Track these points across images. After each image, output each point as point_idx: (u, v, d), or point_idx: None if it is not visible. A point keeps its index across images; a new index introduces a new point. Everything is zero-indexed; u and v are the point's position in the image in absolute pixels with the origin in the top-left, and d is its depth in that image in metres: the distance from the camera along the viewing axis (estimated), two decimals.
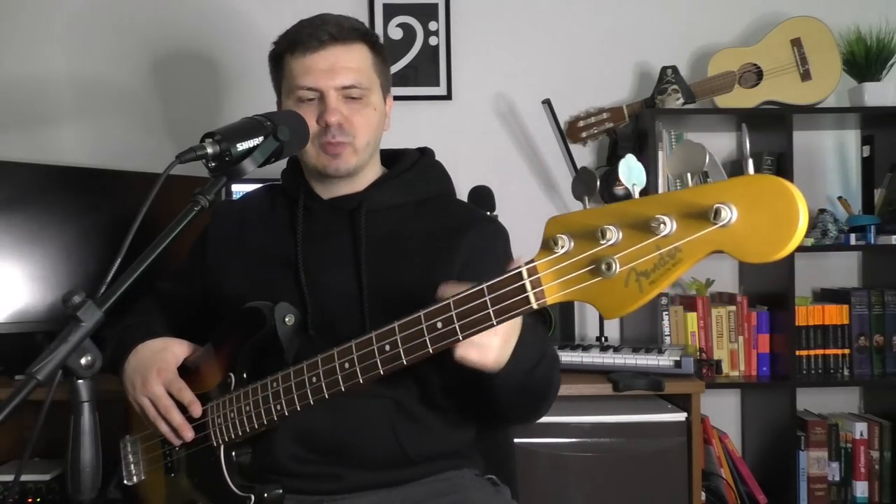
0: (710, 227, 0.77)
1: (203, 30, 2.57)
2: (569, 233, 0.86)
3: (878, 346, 2.43)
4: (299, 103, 1.33)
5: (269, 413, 1.18)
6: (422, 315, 1.02)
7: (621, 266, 0.82)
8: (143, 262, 0.98)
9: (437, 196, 1.44)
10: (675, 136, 2.41)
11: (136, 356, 1.32)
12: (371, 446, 1.29)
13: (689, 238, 0.78)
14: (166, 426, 1.27)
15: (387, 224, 1.37)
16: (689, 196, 0.79)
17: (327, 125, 1.31)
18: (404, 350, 1.04)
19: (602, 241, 0.82)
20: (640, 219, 0.81)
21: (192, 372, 1.30)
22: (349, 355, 1.09)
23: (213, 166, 1.08)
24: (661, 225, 0.79)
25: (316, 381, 1.12)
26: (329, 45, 1.32)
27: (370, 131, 1.36)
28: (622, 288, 0.82)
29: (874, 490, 2.42)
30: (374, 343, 1.06)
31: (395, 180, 1.42)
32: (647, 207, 0.81)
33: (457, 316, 0.98)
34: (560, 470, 1.94)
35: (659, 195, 0.81)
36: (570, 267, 0.86)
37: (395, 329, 1.04)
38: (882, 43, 2.46)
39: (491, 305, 0.94)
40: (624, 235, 0.82)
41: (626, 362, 2.07)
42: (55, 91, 2.54)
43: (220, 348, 1.28)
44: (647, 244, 0.80)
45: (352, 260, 1.34)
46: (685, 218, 0.79)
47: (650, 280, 0.81)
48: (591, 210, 0.86)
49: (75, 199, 2.17)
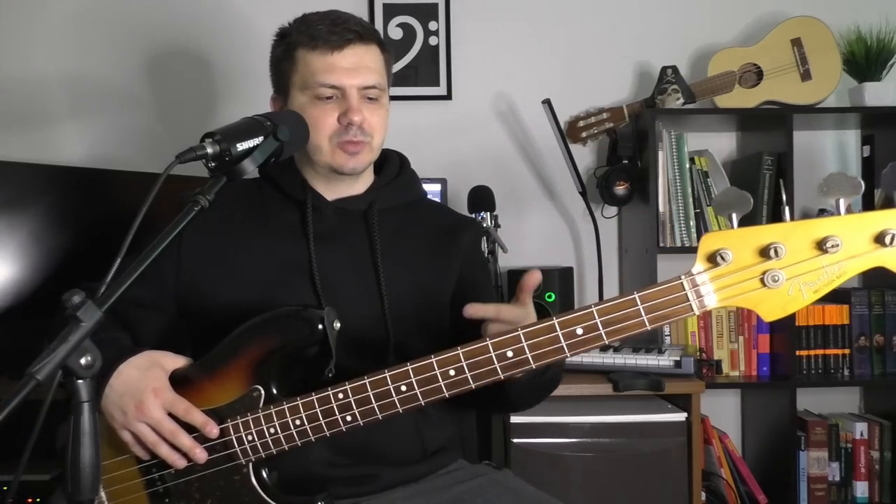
0: (882, 249, 0.96)
1: (203, 29, 2.57)
2: (729, 247, 0.99)
3: (878, 346, 2.43)
4: (315, 100, 1.31)
5: (333, 425, 1.12)
6: (556, 322, 1.05)
7: (787, 278, 0.98)
8: (143, 262, 0.98)
9: (420, 199, 1.48)
10: (674, 136, 2.40)
11: (120, 378, 1.17)
12: (398, 444, 1.30)
13: (860, 256, 0.96)
14: (169, 450, 1.16)
15: (391, 225, 1.38)
16: (858, 221, 0.96)
17: (349, 124, 1.30)
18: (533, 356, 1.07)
19: (774, 257, 0.97)
20: (808, 238, 0.97)
21: (186, 386, 1.19)
22: (457, 362, 1.09)
23: (212, 166, 1.08)
24: (835, 246, 0.96)
25: (407, 390, 1.10)
26: (353, 44, 1.31)
27: (384, 132, 1.38)
28: (785, 295, 0.99)
29: (874, 490, 2.42)
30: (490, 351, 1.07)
31: (394, 182, 1.43)
32: (817, 229, 0.97)
33: (602, 324, 1.04)
34: (560, 470, 1.94)
35: (826, 219, 0.97)
36: (735, 279, 1.00)
37: (520, 336, 1.07)
38: (882, 43, 2.46)
39: (645, 313, 1.03)
40: (789, 251, 0.97)
41: (626, 362, 2.07)
42: (55, 91, 2.53)
43: (234, 358, 1.18)
44: (815, 260, 0.97)
45: (368, 262, 1.34)
46: (853, 238, 0.96)
47: (814, 289, 0.99)
48: (754, 228, 0.99)
49: (75, 199, 2.17)
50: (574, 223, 2.61)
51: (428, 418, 1.35)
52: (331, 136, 1.31)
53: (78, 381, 0.89)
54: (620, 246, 2.62)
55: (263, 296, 1.27)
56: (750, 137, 2.61)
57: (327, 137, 1.31)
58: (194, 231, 1.26)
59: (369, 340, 1.28)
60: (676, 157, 2.40)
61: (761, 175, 2.38)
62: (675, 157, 2.40)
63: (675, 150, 2.40)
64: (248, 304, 1.23)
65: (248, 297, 1.27)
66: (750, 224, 1.01)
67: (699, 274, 1.01)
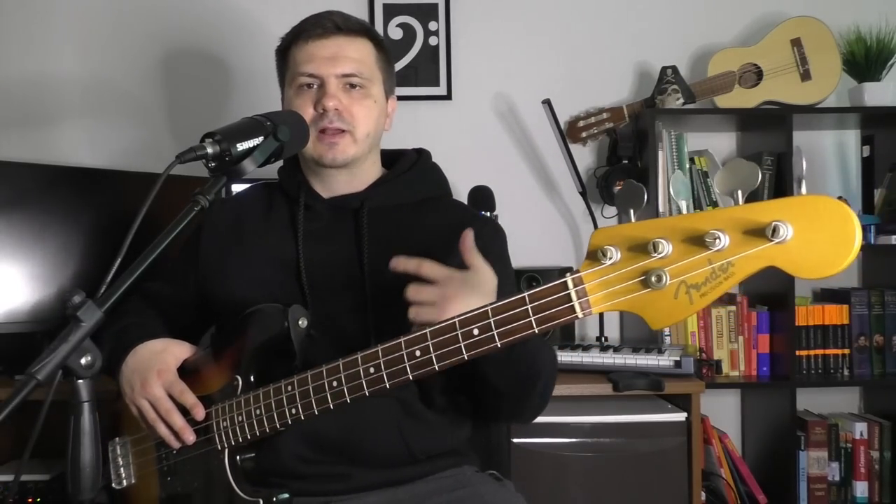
0: (767, 244, 0.81)
1: (206, 29, 2.57)
2: (616, 245, 0.89)
3: (878, 346, 2.43)
4: (299, 90, 1.34)
5: (282, 417, 1.16)
6: (457, 322, 1.03)
7: (671, 278, 0.85)
8: (143, 262, 0.98)
9: (435, 197, 1.46)
10: (674, 136, 2.40)
11: (135, 357, 1.29)
12: (378, 445, 1.29)
13: (744, 253, 0.82)
14: (166, 429, 1.25)
15: (388, 224, 1.38)
16: (744, 213, 0.82)
17: (325, 110, 1.31)
18: (436, 356, 1.04)
19: (654, 253, 0.85)
20: (692, 233, 0.84)
21: (193, 374, 1.28)
22: (375, 360, 1.09)
23: (213, 166, 1.08)
24: (716, 240, 0.82)
25: (337, 385, 1.12)
26: (333, 35, 1.34)
27: (370, 122, 1.36)
28: (671, 299, 0.86)
29: (874, 490, 2.42)
30: (403, 348, 1.07)
31: (395, 180, 1.42)
32: (701, 222, 0.84)
33: (495, 323, 0.99)
34: (560, 470, 1.94)
35: (713, 211, 0.86)
36: (618, 278, 0.89)
37: (426, 335, 1.05)
38: (882, 43, 2.46)
39: (533, 314, 0.96)
40: (674, 249, 0.85)
41: (626, 362, 2.07)
42: (56, 91, 2.53)
43: (224, 350, 1.26)
44: (700, 258, 0.84)
45: (355, 260, 1.34)
46: (739, 233, 0.82)
47: (701, 293, 0.85)
48: (640, 223, 0.88)
49: (75, 199, 2.17)
50: (574, 223, 2.61)
51: (417, 420, 1.32)
52: (310, 125, 1.32)
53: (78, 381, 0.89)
54: None
55: (257, 293, 1.30)
56: (750, 137, 2.61)
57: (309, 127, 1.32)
58: (213, 231, 1.41)
59: (351, 337, 1.28)
60: (676, 157, 2.40)
61: (761, 175, 2.38)
62: (675, 157, 2.40)
63: (675, 150, 2.40)
64: (246, 300, 1.27)
65: (245, 294, 1.31)
66: None
67: (584, 273, 0.91)
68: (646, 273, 0.86)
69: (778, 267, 0.82)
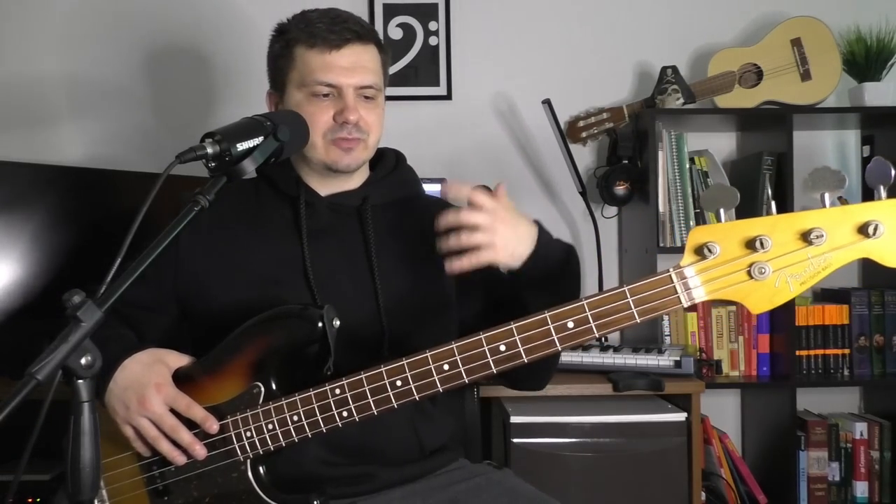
0: (866, 240, 0.96)
1: (203, 28, 2.57)
2: (717, 240, 1.00)
3: (878, 346, 2.43)
4: (312, 97, 1.32)
5: (330, 421, 1.13)
6: (548, 316, 1.06)
7: (773, 270, 0.98)
8: (143, 262, 0.98)
9: (416, 195, 1.48)
10: (674, 136, 2.40)
11: (124, 373, 1.19)
12: (395, 443, 1.30)
13: (845, 247, 0.97)
14: (169, 445, 1.18)
15: (385, 220, 1.39)
16: (843, 213, 0.97)
17: (345, 122, 1.31)
18: (525, 350, 1.08)
19: (760, 249, 0.98)
20: (794, 230, 0.98)
21: (189, 383, 1.21)
22: (450, 357, 1.09)
23: (213, 166, 1.08)
24: (819, 237, 0.97)
25: (402, 385, 1.11)
26: (351, 44, 1.32)
27: (380, 130, 1.38)
28: (772, 287, 0.99)
29: (874, 490, 2.42)
30: (484, 344, 1.08)
31: (389, 178, 1.44)
32: (803, 221, 0.98)
33: (592, 316, 1.05)
34: (560, 470, 1.94)
35: (812, 211, 0.98)
36: (723, 271, 1.00)
37: (513, 330, 1.08)
38: (882, 43, 2.46)
39: (634, 306, 1.04)
40: (775, 243, 0.98)
41: (626, 362, 2.07)
42: (55, 91, 2.53)
43: (234, 356, 1.19)
44: (800, 252, 0.98)
45: (362, 257, 1.34)
46: (837, 230, 0.97)
47: (800, 281, 0.99)
48: (741, 221, 1.00)
49: (75, 199, 2.17)
50: (574, 223, 2.61)
51: (426, 417, 1.35)
52: (325, 133, 1.32)
53: (78, 381, 0.89)
54: (620, 246, 2.62)
55: (260, 294, 1.27)
56: (750, 137, 2.61)
57: (321, 134, 1.32)
58: (193, 232, 1.29)
59: (364, 336, 1.29)
60: (676, 157, 2.40)
61: (761, 175, 2.38)
62: (675, 157, 2.40)
63: (675, 150, 2.40)
64: (247, 303, 1.24)
65: (245, 296, 1.28)
66: None
67: (687, 267, 1.02)
68: (750, 266, 0.99)
69: (872, 258, 0.97)
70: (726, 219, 1.01)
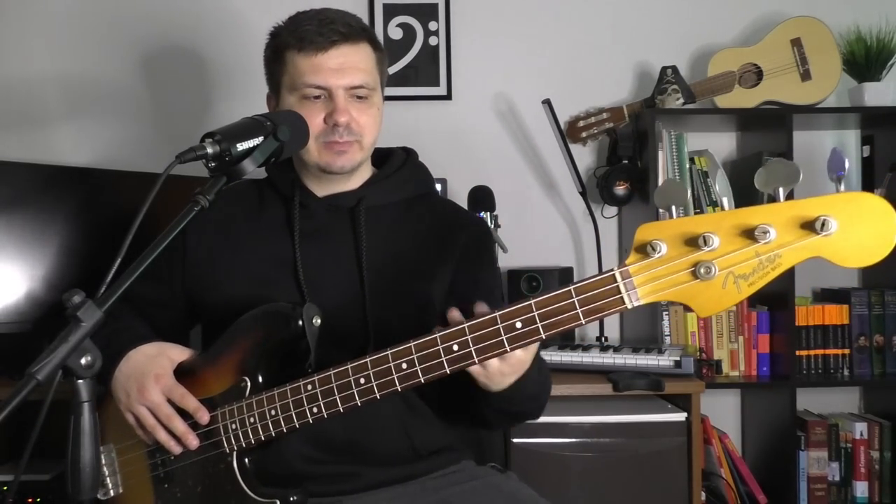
0: (815, 236, 0.89)
1: (201, 28, 2.57)
2: (662, 239, 0.95)
3: (878, 346, 2.43)
4: (303, 100, 1.32)
5: (302, 416, 1.15)
6: (498, 316, 1.04)
7: (720, 270, 0.92)
8: (143, 262, 0.98)
9: (424, 195, 1.47)
10: (674, 136, 2.40)
11: (129, 363, 1.25)
12: (384, 443, 1.30)
13: (792, 245, 0.90)
14: (166, 434, 1.22)
15: (382, 222, 1.39)
16: (792, 208, 0.90)
17: (336, 124, 1.31)
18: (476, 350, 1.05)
19: (704, 247, 0.92)
20: (739, 227, 0.92)
21: (191, 377, 1.25)
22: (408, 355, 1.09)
23: (212, 166, 1.08)
24: (765, 233, 0.90)
25: (365, 382, 1.11)
26: (339, 45, 1.31)
27: (375, 130, 1.37)
28: (719, 289, 0.93)
29: (874, 490, 2.42)
30: (439, 343, 1.07)
31: (388, 178, 1.43)
32: (749, 217, 0.91)
33: (539, 316, 1.01)
34: (560, 470, 1.94)
35: (758, 207, 0.92)
36: (667, 270, 0.95)
37: (465, 329, 1.06)
38: (882, 43, 2.46)
39: (579, 306, 0.99)
40: (721, 242, 0.92)
41: (626, 362, 2.07)
42: (54, 91, 2.53)
43: (227, 351, 1.24)
44: (748, 250, 0.91)
45: (352, 258, 1.35)
46: (786, 227, 0.90)
47: (749, 282, 0.92)
48: (685, 219, 0.94)
49: (75, 199, 2.17)
50: (574, 223, 2.61)
51: (419, 417, 1.34)
52: (318, 136, 1.32)
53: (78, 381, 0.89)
54: (620, 246, 2.62)
55: (254, 292, 1.29)
56: (750, 137, 2.61)
57: (314, 137, 1.32)
58: (199, 232, 1.37)
59: (349, 335, 1.29)
60: (676, 157, 2.40)
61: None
62: (675, 157, 2.40)
63: (675, 150, 2.40)
64: (242, 300, 1.26)
65: (241, 294, 1.30)
66: None
67: (631, 265, 0.97)
68: (695, 265, 0.93)
69: (823, 257, 0.90)
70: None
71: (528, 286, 2.33)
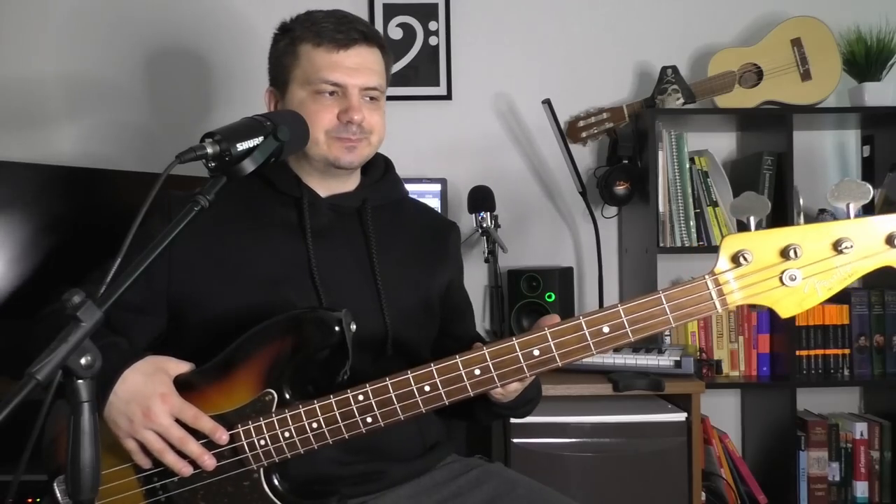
0: (890, 250, 1.02)
1: (202, 28, 2.57)
2: (750, 249, 1.05)
3: (878, 346, 2.43)
4: (315, 95, 1.32)
5: (353, 427, 1.12)
6: (582, 321, 1.08)
7: (804, 277, 1.04)
8: (142, 262, 0.97)
9: (404, 198, 1.51)
10: (674, 136, 2.40)
11: (125, 385, 1.13)
12: (401, 439, 1.31)
13: (868, 257, 1.03)
14: (174, 457, 1.13)
15: (382, 222, 1.41)
16: (866, 224, 1.03)
17: (350, 122, 1.32)
18: (559, 354, 1.09)
19: (792, 257, 1.03)
20: (821, 240, 1.04)
21: (190, 391, 1.16)
22: (482, 362, 1.10)
23: (212, 166, 1.07)
24: (848, 247, 1.02)
25: (430, 390, 1.11)
26: (358, 45, 1.33)
27: (383, 129, 1.39)
28: (801, 293, 1.05)
29: (874, 490, 2.42)
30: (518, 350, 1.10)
31: (384, 181, 1.46)
32: (831, 231, 1.04)
33: (628, 322, 1.08)
34: (560, 470, 1.94)
35: (839, 222, 1.04)
36: (757, 277, 1.06)
37: (547, 336, 1.09)
38: (882, 43, 2.46)
39: (670, 311, 1.07)
40: (805, 252, 1.04)
41: (626, 362, 2.07)
42: (54, 91, 2.53)
43: (245, 362, 1.15)
44: (829, 260, 1.04)
45: (363, 258, 1.35)
46: (862, 240, 1.03)
47: (828, 287, 1.05)
48: (774, 231, 1.05)
49: (75, 198, 2.17)
50: (574, 223, 2.61)
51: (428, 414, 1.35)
52: (328, 131, 1.32)
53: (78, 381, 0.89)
54: (620, 246, 2.62)
55: (266, 297, 1.25)
56: (750, 137, 2.61)
57: (324, 131, 1.32)
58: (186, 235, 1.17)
59: (367, 335, 1.28)
60: (676, 157, 2.40)
61: (761, 175, 2.38)
62: (675, 157, 2.40)
63: (675, 150, 2.40)
64: (252, 306, 1.22)
65: (250, 300, 1.26)
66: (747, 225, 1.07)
67: (722, 273, 1.06)
68: (783, 273, 1.05)
69: (894, 267, 1.03)
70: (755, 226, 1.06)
71: (528, 286, 2.33)
